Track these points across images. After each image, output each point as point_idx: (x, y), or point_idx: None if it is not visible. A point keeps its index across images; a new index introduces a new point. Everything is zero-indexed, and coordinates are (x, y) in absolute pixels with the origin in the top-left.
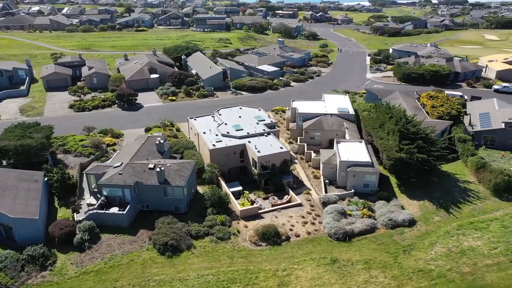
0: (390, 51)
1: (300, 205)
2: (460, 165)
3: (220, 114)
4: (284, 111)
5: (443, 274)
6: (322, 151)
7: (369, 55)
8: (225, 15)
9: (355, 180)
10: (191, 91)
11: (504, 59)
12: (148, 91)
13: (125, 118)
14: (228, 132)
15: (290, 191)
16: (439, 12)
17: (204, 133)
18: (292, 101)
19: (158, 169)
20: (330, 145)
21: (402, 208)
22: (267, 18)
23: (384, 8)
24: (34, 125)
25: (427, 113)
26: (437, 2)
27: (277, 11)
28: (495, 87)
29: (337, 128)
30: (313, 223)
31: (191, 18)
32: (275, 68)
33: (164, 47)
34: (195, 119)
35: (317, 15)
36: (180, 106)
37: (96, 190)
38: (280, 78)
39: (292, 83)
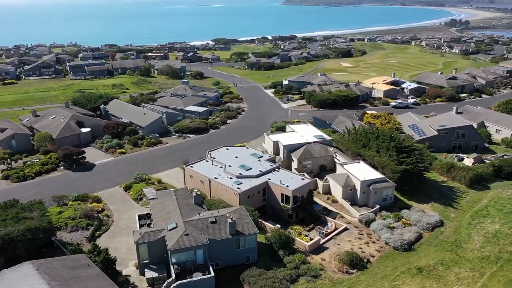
0: (286, 82)
1: (346, 229)
2: None
3: (214, 158)
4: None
5: (499, 257)
6: (332, 176)
7: (265, 88)
8: (94, 61)
9: (376, 196)
10: (137, 141)
11: (383, 81)
12: (81, 148)
13: (84, 180)
14: (240, 174)
15: (329, 218)
16: (282, 47)
17: (216, 178)
18: (267, 135)
19: (229, 220)
20: (320, 171)
21: (424, 212)
22: (146, 61)
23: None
24: (13, 203)
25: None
26: (271, 38)
27: (147, 54)
28: (392, 104)
29: (325, 154)
30: (373, 242)
31: (62, 65)
32: (204, 108)
33: (73, 98)
34: (191, 167)
35: (188, 55)
36: (136, 157)
37: (147, 261)
38: (210, 116)
39: (227, 121)
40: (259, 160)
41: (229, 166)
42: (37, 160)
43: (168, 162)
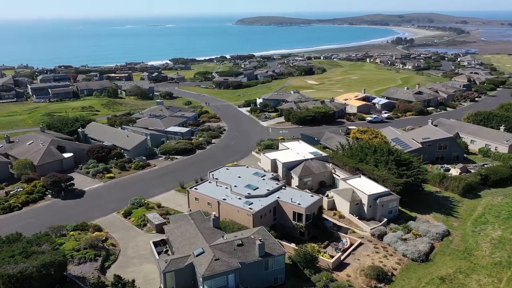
0: (260, 100)
1: (361, 243)
2: None
3: (217, 179)
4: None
5: (510, 262)
6: (337, 192)
7: (239, 106)
8: (55, 83)
9: (383, 210)
10: (125, 164)
11: (355, 97)
12: (64, 174)
13: (76, 208)
14: (249, 193)
15: (342, 234)
16: (243, 66)
17: (225, 199)
18: (263, 153)
19: (258, 242)
20: (320, 187)
21: (429, 222)
22: (113, 82)
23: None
24: (16, 236)
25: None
26: (230, 57)
27: (110, 75)
28: (368, 118)
29: (324, 170)
30: (391, 255)
31: (22, 88)
32: (187, 128)
33: (47, 122)
34: (196, 189)
35: (153, 75)
36: (126, 182)
37: None
38: (192, 136)
39: (212, 140)
40: (263, 179)
41: (235, 186)
42: (21, 189)
43: (161, 185)
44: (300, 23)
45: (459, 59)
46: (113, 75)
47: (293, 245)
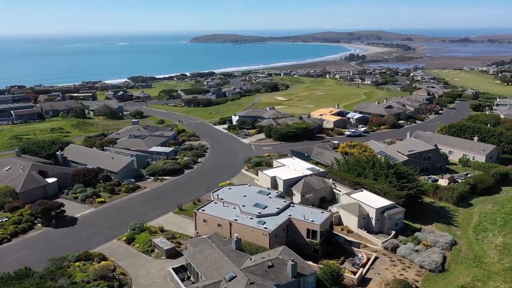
0: (236, 117)
1: (377, 257)
2: None
3: (221, 199)
4: (232, 184)
5: None
6: (343, 207)
7: (214, 124)
8: (15, 104)
9: (390, 222)
10: (114, 188)
11: (330, 112)
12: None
13: (71, 237)
14: (260, 213)
15: (356, 249)
16: (206, 83)
17: (236, 220)
18: (261, 171)
19: (291, 263)
20: (321, 203)
21: (434, 233)
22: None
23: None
24: (26, 271)
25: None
26: (190, 75)
27: (73, 94)
28: (346, 133)
29: (324, 186)
30: (408, 267)
31: None
32: (171, 148)
33: (21, 146)
34: (203, 210)
35: (118, 94)
36: (119, 206)
37: None
38: (176, 156)
39: (198, 159)
40: (269, 197)
41: (243, 206)
42: (6, 219)
43: (157, 208)
44: (255, 41)
45: (411, 74)
46: (76, 94)
47: (310, 263)
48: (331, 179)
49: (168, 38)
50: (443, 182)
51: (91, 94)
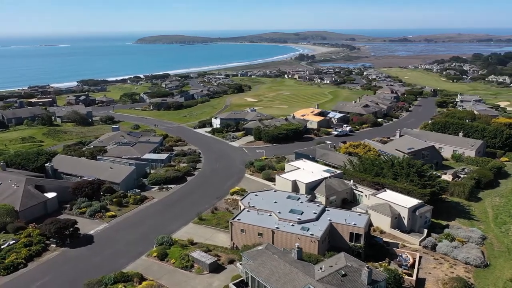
0: (216, 120)
1: (420, 257)
2: None
3: (253, 206)
4: (244, 190)
5: None
6: (373, 208)
7: (194, 128)
8: None
9: (421, 220)
10: (121, 200)
11: (311, 112)
12: (47, 217)
13: (94, 257)
14: (299, 219)
15: (398, 250)
16: (164, 85)
17: (278, 228)
18: (279, 175)
19: (366, 270)
20: (343, 205)
21: (462, 228)
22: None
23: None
24: None
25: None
26: (144, 77)
27: (31, 100)
28: (334, 133)
29: (345, 187)
30: (454, 264)
31: None
32: (166, 155)
33: (2, 159)
34: (239, 219)
35: (80, 98)
36: (133, 219)
37: None
38: (173, 163)
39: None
40: (301, 202)
41: (279, 212)
42: (14, 242)
43: (174, 219)
44: (203, 41)
45: (365, 73)
46: (35, 100)
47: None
48: (351, 180)
49: (112, 39)
50: (447, 178)
51: (51, 99)
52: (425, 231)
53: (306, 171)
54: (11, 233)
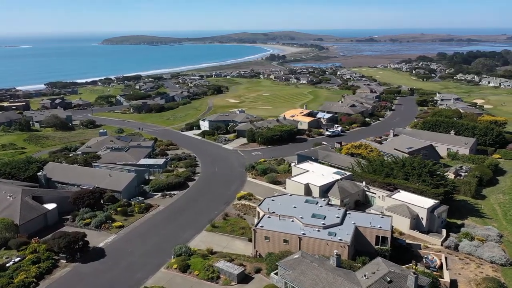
0: (206, 123)
1: (446, 257)
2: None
3: (273, 212)
4: (252, 195)
5: None
6: (391, 209)
7: (181, 131)
8: None
9: (439, 220)
10: (127, 209)
11: (300, 112)
12: (49, 231)
13: (110, 272)
14: (324, 224)
15: (422, 251)
16: (138, 87)
17: (304, 234)
18: (290, 179)
19: (412, 275)
20: (356, 206)
21: (477, 227)
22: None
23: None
24: None
25: (364, 157)
26: (115, 78)
27: (2, 104)
28: (326, 133)
29: (357, 189)
30: (480, 264)
31: None
32: (163, 160)
33: None
34: (262, 226)
35: (55, 101)
36: (141, 229)
37: None
38: (171, 168)
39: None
40: (321, 206)
41: (301, 218)
42: (19, 259)
43: (185, 227)
44: (171, 42)
45: (338, 73)
46: (7, 104)
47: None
48: (363, 182)
49: (77, 40)
50: (449, 176)
51: (24, 103)
52: (444, 231)
53: (316, 173)
54: (13, 249)
